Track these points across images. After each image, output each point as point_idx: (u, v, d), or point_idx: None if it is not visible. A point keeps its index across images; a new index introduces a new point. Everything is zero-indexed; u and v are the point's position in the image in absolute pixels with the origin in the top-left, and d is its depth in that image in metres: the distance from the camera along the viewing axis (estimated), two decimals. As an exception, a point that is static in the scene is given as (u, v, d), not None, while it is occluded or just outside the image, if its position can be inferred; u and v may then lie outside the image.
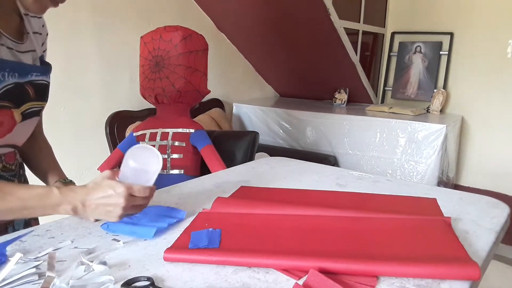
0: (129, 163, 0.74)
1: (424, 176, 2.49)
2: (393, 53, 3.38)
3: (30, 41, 0.89)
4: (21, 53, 0.85)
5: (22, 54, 0.85)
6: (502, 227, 0.83)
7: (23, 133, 0.88)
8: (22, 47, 0.85)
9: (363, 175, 1.18)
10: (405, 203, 0.95)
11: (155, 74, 1.68)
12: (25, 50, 0.86)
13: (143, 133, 1.71)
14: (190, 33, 1.70)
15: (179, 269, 0.64)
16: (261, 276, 0.63)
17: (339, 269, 0.62)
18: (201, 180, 1.14)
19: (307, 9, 2.45)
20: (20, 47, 0.85)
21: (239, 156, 1.90)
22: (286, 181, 1.13)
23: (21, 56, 0.85)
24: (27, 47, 0.87)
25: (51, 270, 0.59)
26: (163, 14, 2.40)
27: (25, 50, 0.86)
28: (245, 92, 3.24)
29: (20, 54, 0.84)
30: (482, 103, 2.97)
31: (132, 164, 0.74)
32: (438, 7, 3.10)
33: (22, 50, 0.85)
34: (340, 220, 0.82)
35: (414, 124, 2.51)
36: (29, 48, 0.87)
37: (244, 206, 0.89)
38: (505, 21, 2.80)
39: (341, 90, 3.19)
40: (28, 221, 0.94)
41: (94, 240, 0.74)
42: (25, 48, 0.86)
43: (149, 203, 0.77)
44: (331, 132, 2.75)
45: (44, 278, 0.58)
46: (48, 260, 0.61)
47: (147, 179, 0.75)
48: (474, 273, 0.60)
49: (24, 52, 0.85)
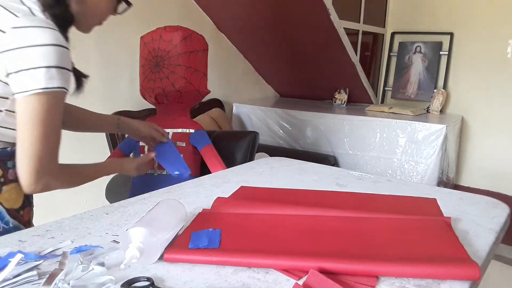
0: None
1: (424, 176, 2.49)
2: (393, 53, 3.38)
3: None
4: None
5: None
6: (502, 227, 0.83)
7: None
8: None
9: (363, 175, 1.18)
10: (405, 203, 0.94)
11: (155, 74, 1.68)
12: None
13: (143, 133, 1.71)
14: (190, 33, 1.70)
15: (179, 269, 0.64)
16: (261, 276, 0.62)
17: (339, 269, 0.62)
18: (201, 180, 1.14)
19: (307, 9, 2.45)
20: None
21: (239, 156, 1.90)
22: (286, 181, 1.13)
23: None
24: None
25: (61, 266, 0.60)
26: (163, 14, 2.40)
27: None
28: (245, 92, 3.24)
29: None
30: (482, 103, 2.97)
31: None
32: (438, 7, 3.10)
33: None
34: (340, 220, 0.82)
35: (414, 124, 2.51)
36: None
37: (244, 206, 0.89)
38: (505, 21, 2.80)
39: (341, 90, 3.19)
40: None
41: (94, 240, 0.74)
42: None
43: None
44: (331, 132, 2.75)
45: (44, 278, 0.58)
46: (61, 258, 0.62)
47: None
48: (474, 273, 0.60)
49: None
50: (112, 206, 0.93)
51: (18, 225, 0.93)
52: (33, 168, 0.84)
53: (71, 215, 0.86)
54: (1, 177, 0.90)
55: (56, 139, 0.88)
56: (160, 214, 0.73)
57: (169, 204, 0.78)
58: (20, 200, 0.94)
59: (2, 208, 0.90)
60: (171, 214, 0.76)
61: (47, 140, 0.85)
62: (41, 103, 0.82)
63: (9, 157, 0.91)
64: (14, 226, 0.92)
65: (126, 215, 0.87)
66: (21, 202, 0.94)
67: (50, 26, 0.82)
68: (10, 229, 0.91)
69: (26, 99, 0.81)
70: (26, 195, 0.96)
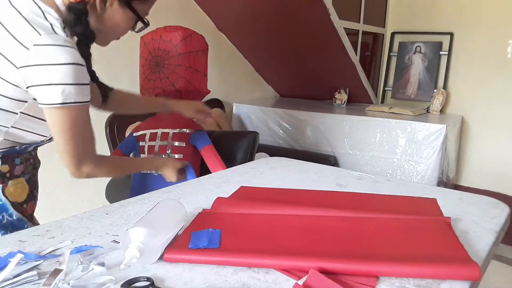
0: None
1: (424, 176, 2.49)
2: (393, 53, 3.38)
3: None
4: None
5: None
6: (502, 227, 0.83)
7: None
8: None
9: (363, 175, 1.18)
10: (405, 203, 0.94)
11: (155, 75, 1.68)
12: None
13: (143, 133, 1.71)
14: (190, 33, 1.70)
15: (179, 269, 0.64)
16: (261, 276, 0.62)
17: (339, 269, 0.62)
18: (201, 180, 1.14)
19: (307, 9, 2.45)
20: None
21: (239, 156, 1.90)
22: (286, 181, 1.13)
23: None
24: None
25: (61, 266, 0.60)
26: (163, 14, 2.39)
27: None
28: (245, 92, 3.24)
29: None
30: (482, 103, 2.97)
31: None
32: (438, 7, 3.10)
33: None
34: (340, 220, 0.82)
35: (414, 124, 2.51)
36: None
37: (244, 206, 0.89)
38: (505, 21, 2.80)
39: (341, 90, 3.19)
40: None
41: (94, 240, 0.74)
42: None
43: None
44: (331, 132, 2.75)
45: (44, 278, 0.58)
46: (61, 258, 0.62)
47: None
48: (474, 273, 0.60)
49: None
50: (112, 206, 0.93)
51: (21, 218, 0.98)
52: (69, 163, 0.96)
53: (71, 215, 0.86)
54: (8, 172, 0.95)
55: (85, 138, 0.98)
56: (160, 214, 0.73)
57: (169, 204, 0.78)
58: (24, 194, 0.99)
59: (7, 201, 0.95)
60: (171, 214, 0.76)
61: (74, 141, 0.95)
62: (60, 116, 0.90)
63: (17, 154, 0.97)
64: (18, 218, 0.97)
65: (126, 215, 0.87)
66: (25, 196, 1.00)
67: (69, 45, 0.87)
68: (14, 221, 0.96)
69: (47, 110, 0.90)
70: (31, 190, 1.02)
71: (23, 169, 0.99)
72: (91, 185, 2.11)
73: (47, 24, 0.88)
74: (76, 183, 2.03)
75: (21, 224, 0.97)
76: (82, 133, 0.96)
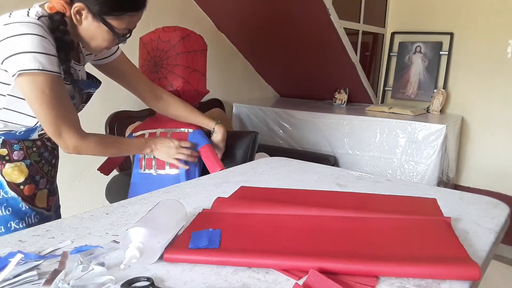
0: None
1: (424, 176, 2.49)
2: (393, 53, 3.38)
3: (83, 59, 1.17)
4: (79, 71, 1.14)
5: (80, 72, 1.15)
6: (502, 227, 0.83)
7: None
8: (81, 67, 1.16)
9: (363, 175, 1.18)
10: (405, 203, 0.95)
11: (154, 75, 1.68)
12: (80, 69, 1.15)
13: (142, 134, 1.71)
14: (188, 33, 1.70)
15: (179, 269, 0.64)
16: (261, 276, 0.62)
17: (339, 269, 0.62)
18: (201, 180, 1.14)
19: (307, 9, 2.45)
20: (80, 67, 1.15)
21: (239, 156, 1.90)
22: (286, 181, 1.13)
23: (80, 73, 1.15)
24: (81, 65, 1.17)
25: (61, 266, 0.60)
26: (163, 14, 2.40)
27: (81, 68, 1.16)
28: (245, 92, 3.24)
29: (79, 72, 1.14)
30: (482, 103, 2.97)
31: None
32: (438, 7, 3.10)
33: (80, 69, 1.15)
34: (340, 220, 0.82)
35: (414, 124, 2.51)
36: (82, 64, 1.17)
37: (244, 206, 0.89)
38: (505, 21, 2.80)
39: (341, 90, 3.19)
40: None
41: (94, 240, 0.74)
42: (81, 67, 1.16)
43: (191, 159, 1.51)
44: (331, 132, 2.74)
45: (44, 278, 0.58)
46: (61, 258, 0.63)
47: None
48: (474, 273, 0.60)
49: (80, 70, 1.15)
50: (112, 206, 0.93)
51: (15, 197, 1.06)
52: (50, 130, 1.01)
53: (71, 215, 0.86)
54: (7, 155, 1.05)
55: (63, 108, 1.01)
56: (160, 214, 0.73)
57: (169, 204, 0.78)
58: (22, 177, 1.07)
59: (4, 180, 1.05)
60: (171, 214, 0.76)
61: (51, 108, 0.98)
62: (32, 81, 0.94)
63: (17, 140, 1.05)
64: (12, 197, 1.06)
65: (126, 215, 0.87)
66: (23, 179, 1.07)
67: (36, 22, 0.94)
68: (8, 198, 1.05)
69: (20, 80, 0.94)
70: (32, 175, 1.09)
71: (24, 155, 1.07)
72: (91, 185, 2.11)
73: (24, 12, 0.96)
74: (76, 183, 2.03)
75: (15, 202, 1.06)
76: (60, 102, 0.99)
